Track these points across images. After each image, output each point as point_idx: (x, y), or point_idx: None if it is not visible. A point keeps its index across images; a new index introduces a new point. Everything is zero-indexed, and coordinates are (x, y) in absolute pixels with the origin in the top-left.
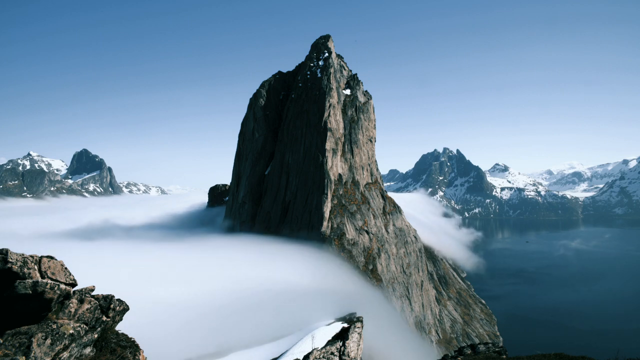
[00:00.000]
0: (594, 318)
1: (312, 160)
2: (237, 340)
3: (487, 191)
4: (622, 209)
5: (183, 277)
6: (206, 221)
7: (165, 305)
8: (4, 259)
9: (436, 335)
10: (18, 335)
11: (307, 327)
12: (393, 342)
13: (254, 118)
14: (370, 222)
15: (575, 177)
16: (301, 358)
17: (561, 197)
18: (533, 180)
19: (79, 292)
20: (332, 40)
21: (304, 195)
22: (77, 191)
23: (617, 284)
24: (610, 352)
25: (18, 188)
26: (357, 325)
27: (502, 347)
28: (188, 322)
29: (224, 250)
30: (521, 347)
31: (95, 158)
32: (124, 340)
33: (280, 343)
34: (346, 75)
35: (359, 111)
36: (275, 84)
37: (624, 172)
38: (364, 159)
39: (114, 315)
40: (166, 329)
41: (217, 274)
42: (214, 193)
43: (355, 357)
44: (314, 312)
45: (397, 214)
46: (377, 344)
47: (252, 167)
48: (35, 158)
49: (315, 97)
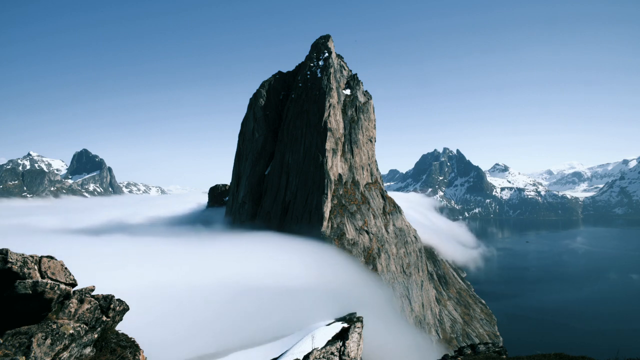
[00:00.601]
0: (594, 318)
1: (312, 160)
2: (237, 340)
3: (487, 191)
4: (622, 209)
5: (183, 278)
6: (206, 221)
7: (165, 305)
8: (4, 259)
9: (436, 335)
10: (18, 335)
11: (307, 327)
12: (393, 342)
13: (254, 118)
14: (370, 222)
15: (575, 177)
16: (301, 358)
17: (561, 197)
18: (533, 180)
19: (79, 292)
20: (332, 40)
21: (304, 195)
22: (77, 191)
23: (617, 283)
24: (610, 352)
25: (18, 188)
26: (357, 325)
27: (502, 347)
28: (188, 322)
29: (224, 247)
30: (521, 347)
31: (95, 158)
32: (124, 340)
33: (280, 343)
34: (346, 75)
35: (359, 111)
36: (275, 84)
37: (624, 172)
38: (364, 159)
39: (114, 315)
40: (166, 329)
41: (217, 273)
42: (214, 193)
43: (355, 357)
44: (314, 312)
45: (397, 214)
46: (377, 343)
47: (252, 167)
48: (35, 158)
49: (315, 97)
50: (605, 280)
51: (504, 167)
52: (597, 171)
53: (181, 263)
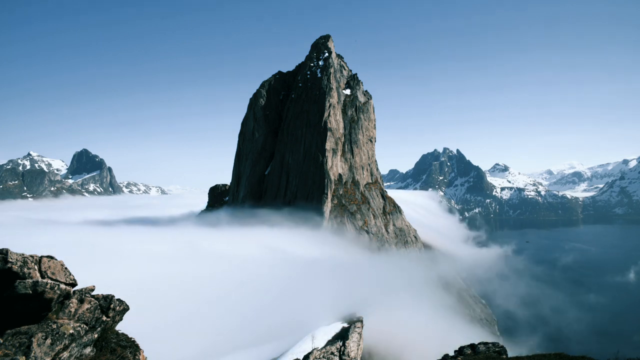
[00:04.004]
0: (594, 318)
1: (312, 160)
2: (237, 340)
3: (487, 191)
4: (622, 209)
5: (183, 278)
6: (206, 221)
7: (165, 305)
8: (4, 258)
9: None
10: (18, 335)
11: (307, 327)
12: (393, 341)
13: (254, 118)
14: (370, 222)
15: (575, 177)
16: (301, 358)
17: (561, 197)
18: (533, 180)
19: (79, 292)
20: (332, 40)
21: (304, 195)
22: (77, 191)
23: (617, 283)
24: (610, 352)
25: (18, 188)
26: (357, 325)
27: (502, 347)
28: (188, 322)
29: (224, 247)
30: (521, 347)
31: (95, 158)
32: (124, 340)
33: (280, 343)
34: (346, 75)
35: (359, 111)
36: (275, 84)
37: (624, 172)
38: (364, 159)
39: (114, 315)
40: (166, 328)
41: (217, 272)
42: (214, 193)
43: (355, 357)
44: (314, 312)
45: (397, 214)
46: (377, 343)
47: (252, 167)
48: (35, 158)
49: (315, 97)
50: (606, 280)
51: (504, 167)
52: (597, 171)
53: (181, 263)
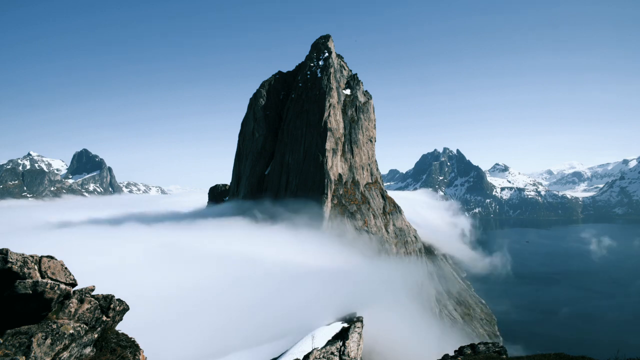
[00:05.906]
0: (594, 318)
1: (312, 160)
2: (237, 340)
3: (487, 191)
4: (622, 209)
5: (182, 277)
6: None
7: (165, 305)
8: (4, 258)
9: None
10: (18, 335)
11: (307, 327)
12: (393, 341)
13: (254, 118)
14: (370, 222)
15: (575, 177)
16: (301, 358)
17: (561, 197)
18: (533, 180)
19: (79, 292)
20: (332, 40)
21: (304, 195)
22: (77, 191)
23: (617, 283)
24: (610, 352)
25: (18, 188)
26: (357, 325)
27: (502, 347)
28: (188, 321)
29: (224, 247)
30: (521, 347)
31: (95, 158)
32: (124, 340)
33: (280, 343)
34: (346, 75)
35: (359, 111)
36: (276, 84)
37: (624, 172)
38: (364, 159)
39: (114, 315)
40: (166, 328)
41: (217, 272)
42: (214, 193)
43: (355, 357)
44: (314, 312)
45: (397, 214)
46: (377, 343)
47: (252, 167)
48: (35, 158)
49: (315, 97)
50: (606, 280)
51: (504, 167)
52: (597, 171)
53: (181, 263)
